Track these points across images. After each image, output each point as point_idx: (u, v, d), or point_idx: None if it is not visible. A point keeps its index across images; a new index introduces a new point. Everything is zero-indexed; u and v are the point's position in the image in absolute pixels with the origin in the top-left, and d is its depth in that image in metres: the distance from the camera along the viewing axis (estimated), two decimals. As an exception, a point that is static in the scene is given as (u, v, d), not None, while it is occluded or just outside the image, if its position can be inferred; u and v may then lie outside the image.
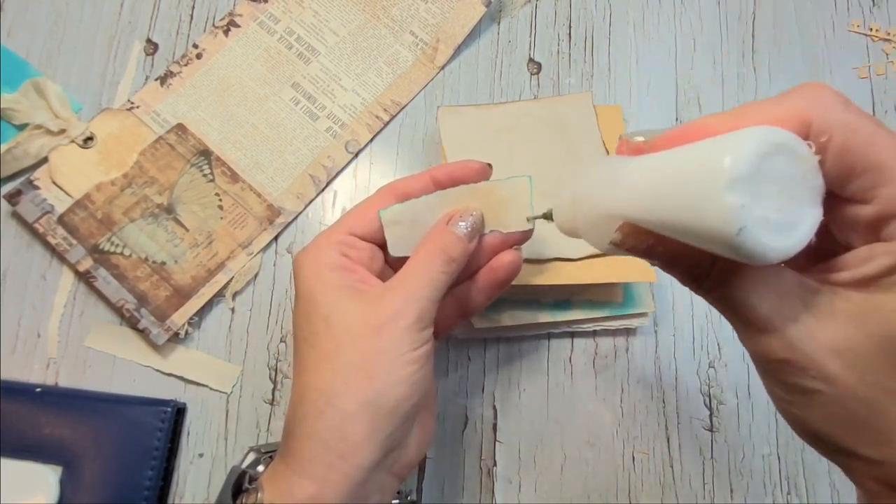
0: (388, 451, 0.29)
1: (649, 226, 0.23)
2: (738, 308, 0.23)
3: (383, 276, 0.33)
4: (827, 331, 0.22)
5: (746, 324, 0.23)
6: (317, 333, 0.30)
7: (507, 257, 0.34)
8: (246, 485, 0.31)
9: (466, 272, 0.34)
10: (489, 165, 0.35)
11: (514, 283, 0.36)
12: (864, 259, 0.22)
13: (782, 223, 0.20)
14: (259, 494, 0.28)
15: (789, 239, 0.21)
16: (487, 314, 0.42)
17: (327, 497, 0.28)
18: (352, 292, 0.30)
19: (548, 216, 0.33)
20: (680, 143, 0.23)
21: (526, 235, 0.35)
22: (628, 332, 0.45)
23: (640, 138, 0.25)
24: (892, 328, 0.21)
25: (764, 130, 0.21)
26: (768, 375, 0.24)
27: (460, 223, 0.32)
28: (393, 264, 0.34)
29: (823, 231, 0.22)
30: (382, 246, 0.34)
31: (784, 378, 0.23)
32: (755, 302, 0.22)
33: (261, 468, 0.34)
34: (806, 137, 0.21)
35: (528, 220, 0.34)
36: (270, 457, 0.35)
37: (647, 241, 0.24)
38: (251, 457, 0.34)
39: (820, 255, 0.23)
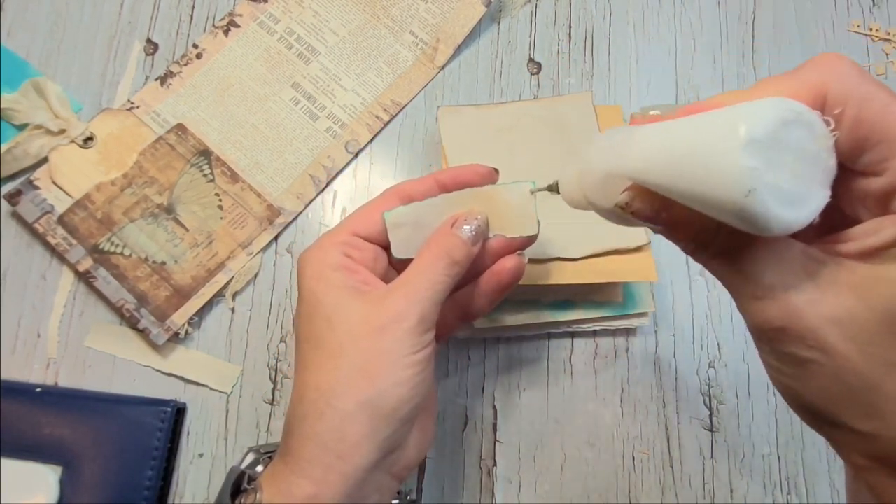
0: (387, 453, 0.29)
1: (658, 189, 0.23)
2: (740, 275, 0.23)
3: (386, 278, 0.33)
4: (828, 301, 0.21)
5: (747, 291, 0.23)
6: (319, 334, 0.30)
7: (509, 262, 0.34)
8: (245, 485, 0.31)
9: (469, 276, 0.34)
10: (495, 170, 0.35)
11: (514, 283, 0.36)
12: (871, 231, 0.22)
13: (791, 195, 0.20)
14: (258, 494, 0.28)
15: (795, 213, 0.21)
16: (487, 314, 0.42)
17: (325, 497, 0.28)
18: (354, 293, 0.30)
19: (553, 188, 0.32)
20: (697, 112, 0.23)
21: (530, 240, 0.34)
22: (628, 332, 0.45)
23: (656, 112, 0.25)
24: (894, 300, 0.21)
25: (784, 100, 0.21)
26: (764, 345, 0.24)
27: (465, 227, 0.32)
28: (396, 266, 0.34)
29: (831, 205, 0.22)
30: (386, 247, 0.34)
31: (780, 347, 0.23)
32: (759, 269, 0.22)
33: (260, 468, 0.34)
34: (822, 110, 0.21)
35: (531, 191, 0.34)
36: (270, 457, 0.35)
37: (653, 204, 0.24)
38: (250, 457, 0.34)
39: (826, 230, 0.23)
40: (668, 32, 0.52)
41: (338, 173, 0.48)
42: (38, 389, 0.42)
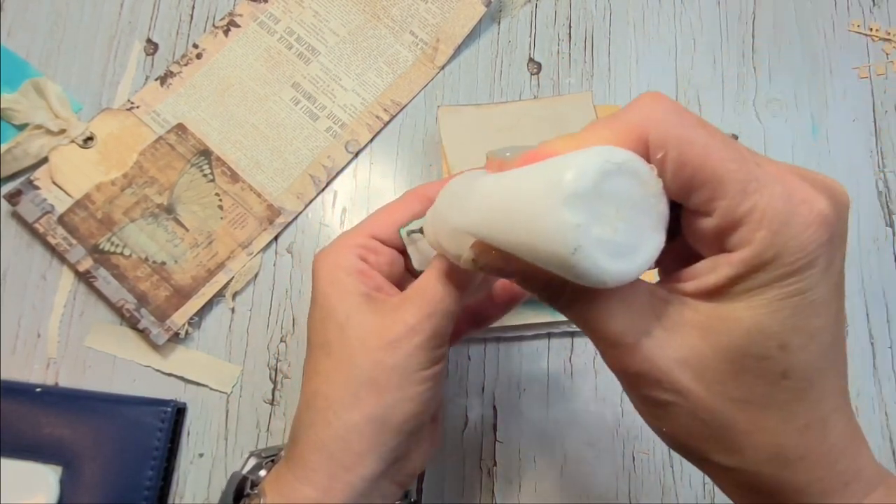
0: (393, 463, 0.29)
1: (497, 244, 0.23)
2: (592, 325, 0.23)
3: (402, 284, 0.32)
4: (676, 342, 0.22)
5: (602, 340, 0.23)
6: (331, 341, 0.29)
7: None
8: (248, 490, 0.31)
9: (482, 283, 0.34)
10: None
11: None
12: (708, 270, 0.21)
13: (621, 246, 0.20)
14: (261, 500, 0.28)
15: (627, 263, 0.20)
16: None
17: (329, 501, 0.28)
18: (367, 301, 0.30)
19: (420, 231, 0.32)
20: (532, 162, 0.23)
21: None
22: (628, 332, 0.45)
23: (508, 154, 0.25)
24: (733, 338, 0.21)
25: (606, 150, 0.20)
26: (628, 389, 0.24)
27: None
28: (413, 270, 0.34)
29: (682, 242, 0.22)
30: (403, 251, 0.33)
31: (641, 391, 0.23)
32: (608, 317, 0.22)
33: (262, 473, 0.34)
34: (646, 155, 0.21)
35: (406, 234, 0.33)
36: (272, 461, 0.35)
37: (498, 261, 0.24)
38: (252, 461, 0.34)
39: (683, 265, 0.23)
40: (668, 32, 0.52)
41: (338, 173, 0.48)
42: (38, 389, 0.42)
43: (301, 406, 0.30)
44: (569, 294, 0.23)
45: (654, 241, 0.21)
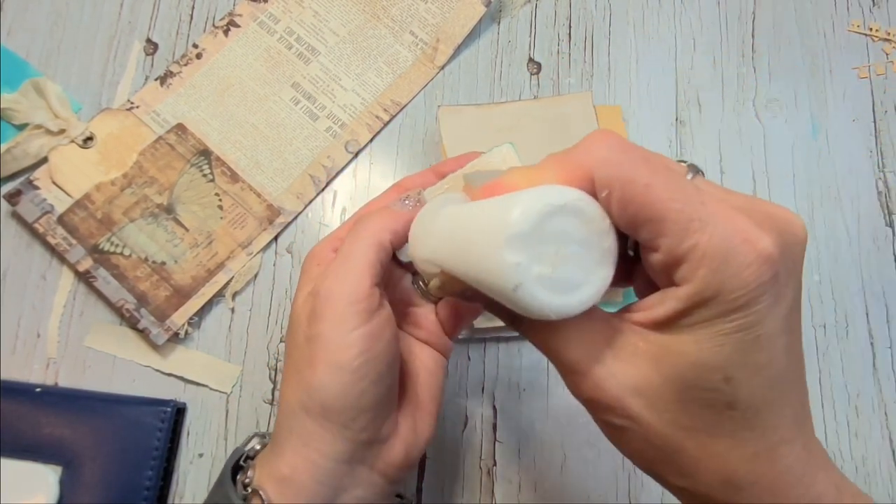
0: (358, 444, 0.29)
1: (455, 275, 0.24)
2: (550, 352, 0.24)
3: (388, 275, 0.32)
4: (628, 371, 0.23)
5: (560, 366, 0.24)
6: (289, 333, 0.31)
7: None
8: (242, 463, 0.32)
9: None
10: None
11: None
12: (658, 301, 0.22)
13: (563, 282, 0.21)
14: (250, 472, 0.30)
15: (569, 297, 0.21)
16: (488, 314, 0.42)
17: (298, 479, 0.28)
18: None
19: (402, 252, 0.32)
20: (491, 195, 0.24)
21: None
22: (628, 332, 0.45)
23: (477, 183, 0.26)
24: (680, 369, 0.22)
25: (549, 191, 0.21)
26: (588, 412, 0.25)
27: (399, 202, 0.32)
28: (399, 261, 0.34)
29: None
30: None
31: (598, 416, 0.24)
32: (563, 345, 0.23)
33: (258, 448, 0.35)
34: (594, 193, 0.22)
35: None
36: None
37: (461, 290, 0.25)
38: (254, 441, 0.35)
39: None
40: (668, 32, 0.52)
41: (338, 173, 0.48)
42: (38, 389, 0.42)
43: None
44: (528, 322, 0.24)
45: (600, 275, 0.22)
